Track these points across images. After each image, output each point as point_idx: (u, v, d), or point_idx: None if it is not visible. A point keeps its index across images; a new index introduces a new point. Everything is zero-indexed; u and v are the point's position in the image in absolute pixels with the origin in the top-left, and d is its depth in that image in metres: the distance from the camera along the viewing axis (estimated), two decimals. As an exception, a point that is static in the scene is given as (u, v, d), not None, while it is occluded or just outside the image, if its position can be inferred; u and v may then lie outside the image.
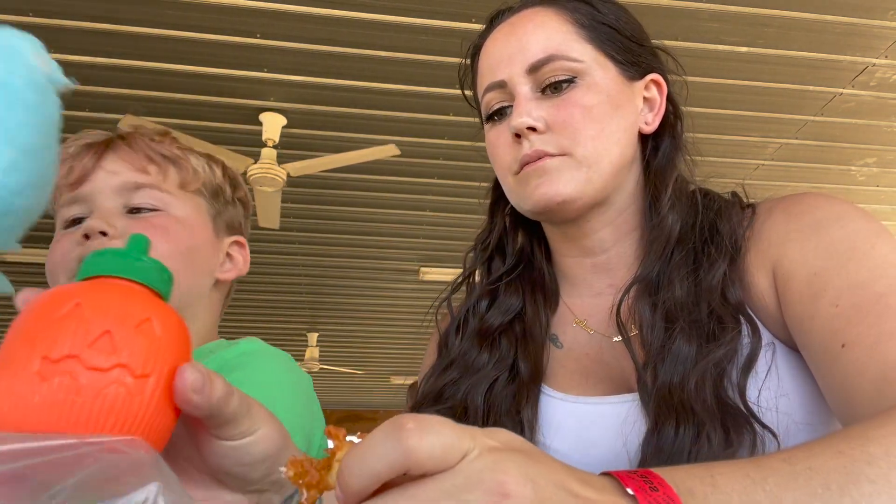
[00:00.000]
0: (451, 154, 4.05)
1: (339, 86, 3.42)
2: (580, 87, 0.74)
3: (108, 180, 0.82)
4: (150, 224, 0.80)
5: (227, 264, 0.93)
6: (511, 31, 0.78)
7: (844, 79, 3.42)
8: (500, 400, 0.75)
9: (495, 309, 0.82)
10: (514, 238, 0.87)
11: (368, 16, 2.96)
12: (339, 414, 11.82)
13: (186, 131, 3.66)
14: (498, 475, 0.34)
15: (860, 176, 4.41)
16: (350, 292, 6.25)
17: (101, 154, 0.83)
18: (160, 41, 3.08)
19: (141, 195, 0.82)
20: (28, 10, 2.88)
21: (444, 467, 0.34)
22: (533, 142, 0.73)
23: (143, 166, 0.83)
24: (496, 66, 0.77)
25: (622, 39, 0.78)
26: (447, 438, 0.34)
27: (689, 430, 0.61)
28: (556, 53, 0.74)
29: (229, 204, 0.93)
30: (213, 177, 0.90)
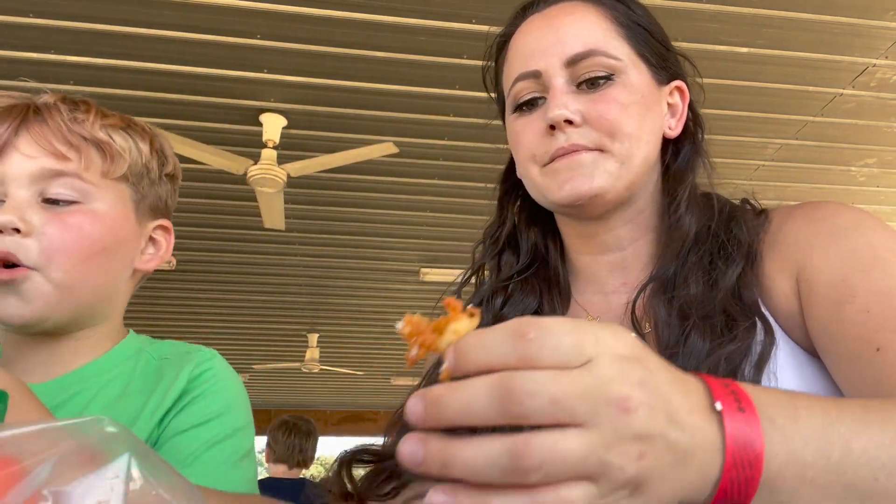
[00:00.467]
0: (450, 155, 4.05)
1: (339, 86, 3.42)
2: (617, 85, 0.74)
3: (24, 165, 0.75)
4: (65, 221, 0.75)
5: (149, 251, 0.87)
6: (548, 22, 0.77)
7: (844, 79, 3.43)
8: None
9: (510, 307, 0.82)
10: (527, 234, 0.87)
11: (368, 16, 2.96)
12: (340, 415, 11.82)
13: (187, 132, 3.67)
14: (624, 388, 0.36)
15: (860, 176, 4.41)
16: (350, 293, 6.26)
17: (16, 129, 0.76)
18: (160, 42, 3.09)
19: (58, 185, 0.76)
20: (28, 12, 2.88)
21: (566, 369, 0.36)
22: (569, 135, 0.73)
23: (63, 151, 0.76)
24: (530, 57, 0.76)
25: (654, 42, 0.79)
26: (568, 347, 0.36)
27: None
28: (596, 49, 0.74)
29: (155, 184, 0.86)
30: (140, 156, 0.84)
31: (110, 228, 0.79)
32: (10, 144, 0.75)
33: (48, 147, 0.76)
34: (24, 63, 3.19)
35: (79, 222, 0.76)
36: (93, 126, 0.80)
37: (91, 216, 0.77)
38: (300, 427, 3.57)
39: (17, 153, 0.75)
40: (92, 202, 0.78)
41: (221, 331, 7.21)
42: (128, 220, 0.82)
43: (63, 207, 0.76)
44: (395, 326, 0.43)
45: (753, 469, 0.39)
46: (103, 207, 0.79)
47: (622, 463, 0.36)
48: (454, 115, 3.66)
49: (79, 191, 0.77)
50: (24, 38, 3.03)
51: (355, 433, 12.35)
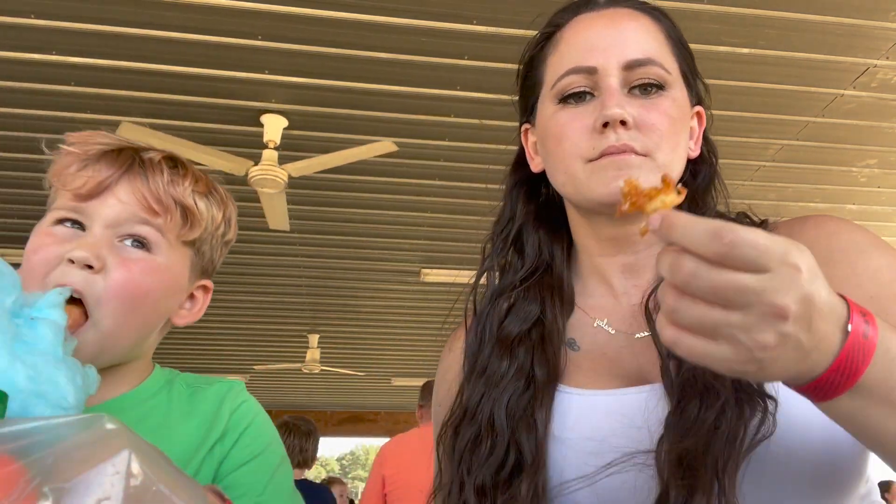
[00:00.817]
0: (451, 156, 4.05)
1: (340, 87, 3.43)
2: (667, 98, 0.77)
3: (116, 209, 0.81)
4: (130, 267, 0.80)
5: (186, 307, 0.92)
6: (611, 23, 0.78)
7: (846, 80, 3.42)
8: (517, 407, 0.76)
9: (513, 315, 0.83)
10: (534, 234, 0.87)
11: (369, 18, 2.96)
12: (341, 415, 11.82)
13: (187, 133, 3.67)
14: (787, 299, 0.46)
15: (861, 177, 4.40)
16: (351, 294, 6.26)
17: (119, 177, 0.82)
18: (162, 43, 3.09)
19: (137, 230, 0.82)
20: (29, 12, 2.89)
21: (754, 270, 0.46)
22: (620, 135, 0.74)
23: (153, 207, 0.82)
24: (588, 52, 0.77)
25: (692, 63, 0.82)
26: (751, 258, 0.46)
27: (710, 409, 0.65)
28: (654, 58, 0.76)
29: (214, 249, 0.93)
30: (212, 223, 0.90)
31: (165, 284, 0.84)
32: (110, 188, 0.81)
33: (143, 201, 0.82)
34: (26, 64, 3.19)
35: (141, 269, 0.81)
36: (185, 190, 0.86)
37: (153, 267, 0.82)
38: (301, 427, 3.57)
39: (114, 197, 0.81)
40: (158, 255, 0.83)
41: (222, 331, 7.21)
42: (181, 278, 0.88)
43: (132, 251, 0.82)
44: (619, 184, 0.57)
45: (864, 360, 0.50)
46: (165, 263, 0.84)
47: (756, 346, 0.47)
48: (455, 115, 3.66)
49: (152, 242, 0.83)
50: (25, 38, 3.03)
51: (356, 434, 12.35)
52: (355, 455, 34.70)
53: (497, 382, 0.79)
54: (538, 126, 0.84)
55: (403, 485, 3.05)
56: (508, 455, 0.73)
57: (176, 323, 0.91)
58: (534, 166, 0.87)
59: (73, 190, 0.81)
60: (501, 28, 3.01)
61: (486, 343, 0.83)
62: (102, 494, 0.32)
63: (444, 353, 0.93)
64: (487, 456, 0.74)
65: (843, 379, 0.50)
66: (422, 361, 8.52)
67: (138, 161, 0.84)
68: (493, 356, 0.81)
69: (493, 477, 0.73)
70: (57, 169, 0.83)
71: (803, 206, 4.63)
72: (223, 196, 0.93)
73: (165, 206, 0.83)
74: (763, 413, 0.64)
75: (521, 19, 3.35)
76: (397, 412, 11.55)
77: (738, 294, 0.46)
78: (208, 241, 0.90)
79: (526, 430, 0.73)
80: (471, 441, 0.76)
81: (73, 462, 0.33)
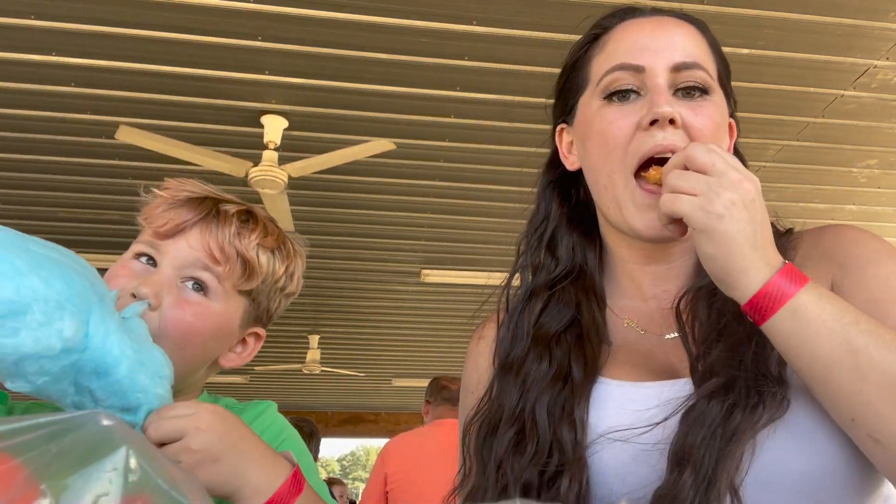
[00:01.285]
0: (451, 156, 4.05)
1: (340, 88, 3.43)
2: (711, 103, 0.79)
3: (184, 252, 0.88)
4: (185, 309, 0.86)
5: (236, 351, 0.97)
6: (661, 27, 0.81)
7: (846, 80, 3.43)
8: (558, 408, 0.77)
9: (548, 315, 0.84)
10: (568, 236, 0.89)
11: (370, 18, 2.96)
12: (341, 416, 11.82)
13: (188, 134, 3.68)
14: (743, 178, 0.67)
15: (862, 178, 4.41)
16: (351, 294, 6.26)
17: (195, 223, 0.89)
18: (161, 44, 3.09)
19: (198, 274, 0.88)
20: (30, 13, 2.89)
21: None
22: (667, 134, 0.75)
23: (216, 255, 0.88)
24: (638, 52, 0.79)
25: (729, 76, 0.85)
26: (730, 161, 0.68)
27: (719, 396, 0.69)
28: (701, 63, 0.79)
29: (270, 299, 0.97)
30: (271, 277, 0.94)
31: (215, 328, 0.89)
32: (184, 232, 0.89)
33: (207, 249, 0.88)
34: (26, 65, 3.20)
35: (194, 312, 0.86)
36: (249, 243, 0.91)
37: (207, 311, 0.88)
38: (302, 428, 3.56)
39: (185, 241, 0.88)
40: (213, 300, 0.88)
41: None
42: (233, 324, 0.92)
43: (190, 293, 0.87)
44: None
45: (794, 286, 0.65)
46: (219, 309, 0.89)
47: (723, 196, 0.65)
48: (455, 116, 3.66)
49: (210, 287, 0.88)
50: (25, 39, 3.04)
51: (356, 434, 12.35)
52: (356, 456, 34.70)
53: (535, 383, 0.80)
54: (578, 124, 0.85)
55: (405, 482, 3.05)
56: (552, 455, 0.74)
57: (223, 365, 0.96)
58: (569, 164, 0.88)
59: (154, 228, 0.88)
60: (501, 29, 3.01)
61: (519, 340, 0.84)
62: (100, 491, 0.32)
63: (473, 344, 0.94)
64: (532, 456, 0.75)
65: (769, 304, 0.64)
66: (422, 362, 8.52)
67: (214, 211, 0.91)
68: (529, 355, 0.82)
69: (538, 476, 0.74)
70: (147, 208, 0.91)
71: (803, 207, 4.63)
72: (291, 251, 0.99)
73: (227, 256, 0.89)
74: (781, 402, 0.67)
75: (521, 20, 3.37)
76: (398, 413, 11.55)
77: (714, 170, 0.66)
78: (265, 293, 0.95)
79: (568, 429, 0.75)
80: (513, 442, 0.77)
81: (70, 459, 0.33)
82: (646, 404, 0.73)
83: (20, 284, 0.59)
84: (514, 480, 0.75)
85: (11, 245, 0.61)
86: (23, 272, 0.59)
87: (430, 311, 6.70)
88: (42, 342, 0.59)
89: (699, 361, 0.73)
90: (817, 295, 0.65)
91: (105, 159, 3.97)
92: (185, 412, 0.73)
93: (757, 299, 0.65)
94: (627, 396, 0.76)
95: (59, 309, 0.60)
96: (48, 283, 0.60)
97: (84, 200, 4.42)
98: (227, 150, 3.73)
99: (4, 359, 0.59)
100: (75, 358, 0.61)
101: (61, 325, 0.60)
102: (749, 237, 0.65)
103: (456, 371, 3.81)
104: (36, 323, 0.59)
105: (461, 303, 6.36)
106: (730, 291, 0.67)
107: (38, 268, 0.60)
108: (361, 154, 3.59)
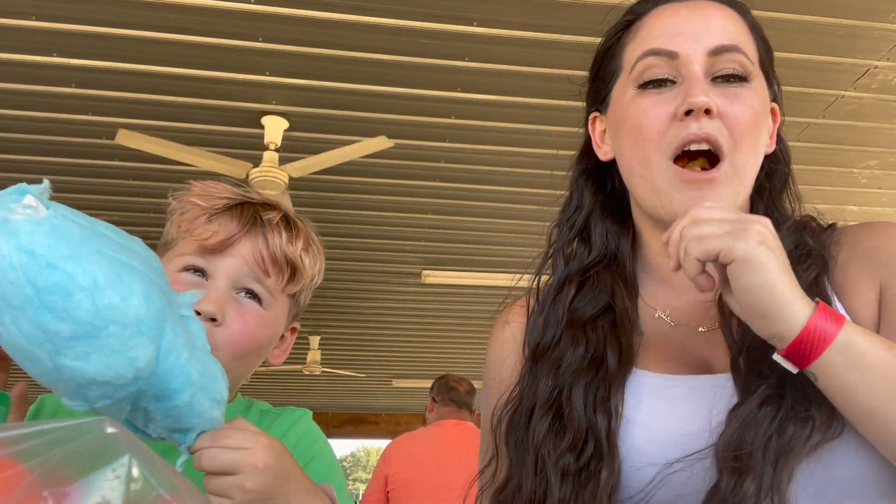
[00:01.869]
0: (452, 157, 4.05)
1: (340, 89, 3.43)
2: (750, 90, 0.76)
3: (235, 265, 0.88)
4: (246, 320, 0.87)
5: (280, 349, 0.99)
6: (696, 11, 0.77)
7: (846, 81, 3.42)
8: (594, 395, 0.77)
9: (582, 299, 0.83)
10: (602, 225, 0.87)
11: (370, 19, 2.96)
12: (342, 417, 11.83)
13: (188, 135, 3.68)
14: (755, 222, 0.65)
15: (862, 178, 4.40)
16: (352, 295, 6.26)
17: (242, 235, 0.89)
18: (162, 45, 3.09)
19: (252, 286, 0.89)
20: (31, 14, 2.89)
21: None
22: (703, 123, 0.73)
23: (268, 267, 0.90)
24: (671, 37, 0.76)
25: (772, 59, 0.81)
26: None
27: (772, 403, 0.67)
28: (741, 46, 0.75)
29: (307, 295, 0.99)
30: (312, 275, 0.96)
31: (272, 333, 0.92)
32: (235, 244, 0.89)
33: (260, 260, 0.89)
34: (27, 66, 3.20)
35: (255, 322, 0.88)
36: (297, 250, 0.92)
37: (264, 320, 0.89)
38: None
39: (238, 253, 0.89)
40: (268, 308, 0.90)
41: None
42: (282, 326, 0.95)
43: (247, 303, 0.88)
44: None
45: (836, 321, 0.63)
46: (273, 315, 0.91)
47: (752, 229, 0.64)
48: (455, 117, 3.66)
49: (263, 296, 0.90)
50: (26, 40, 3.04)
51: (357, 435, 12.35)
52: (356, 457, 34.69)
53: (569, 367, 0.79)
54: (612, 113, 0.83)
55: (406, 483, 3.05)
56: (587, 443, 0.73)
57: (271, 363, 0.98)
58: (602, 154, 0.85)
59: (201, 241, 0.87)
60: (502, 30, 3.00)
61: (552, 326, 0.82)
62: (102, 499, 0.32)
63: (497, 329, 0.92)
64: (570, 443, 0.74)
65: (811, 347, 0.62)
66: (423, 363, 8.52)
67: (259, 220, 0.91)
68: (562, 340, 0.81)
69: (575, 461, 0.73)
70: (186, 218, 0.90)
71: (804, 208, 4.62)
72: (319, 247, 0.99)
73: (278, 264, 0.90)
74: (823, 408, 0.66)
75: (522, 21, 3.37)
76: (398, 414, 11.55)
77: (726, 215, 0.66)
78: (305, 291, 0.98)
79: (603, 417, 0.74)
80: (550, 429, 0.76)
81: (73, 466, 0.33)
82: (678, 394, 0.74)
83: (98, 303, 0.52)
84: (552, 466, 0.74)
85: (90, 248, 0.53)
86: (101, 286, 0.52)
87: (431, 312, 6.70)
88: (113, 370, 0.53)
89: (741, 357, 0.72)
90: (858, 329, 0.64)
91: (105, 160, 3.97)
92: (242, 444, 0.71)
93: (807, 332, 0.62)
94: (662, 388, 0.75)
95: (137, 335, 0.54)
96: (127, 301, 0.54)
97: (85, 202, 4.42)
98: (228, 151, 3.73)
99: (69, 381, 0.53)
100: (141, 384, 0.57)
101: (136, 354, 0.54)
102: (786, 267, 0.64)
103: (456, 372, 3.81)
104: (109, 349, 0.53)
105: (462, 303, 6.36)
106: (774, 327, 0.64)
107: (118, 281, 0.53)
108: (359, 152, 3.58)
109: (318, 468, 0.90)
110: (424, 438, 3.28)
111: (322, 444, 0.96)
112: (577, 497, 0.71)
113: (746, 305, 0.64)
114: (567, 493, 0.72)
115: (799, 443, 0.64)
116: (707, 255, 0.64)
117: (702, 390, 0.73)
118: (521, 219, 4.73)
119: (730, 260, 0.63)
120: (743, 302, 0.65)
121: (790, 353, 0.64)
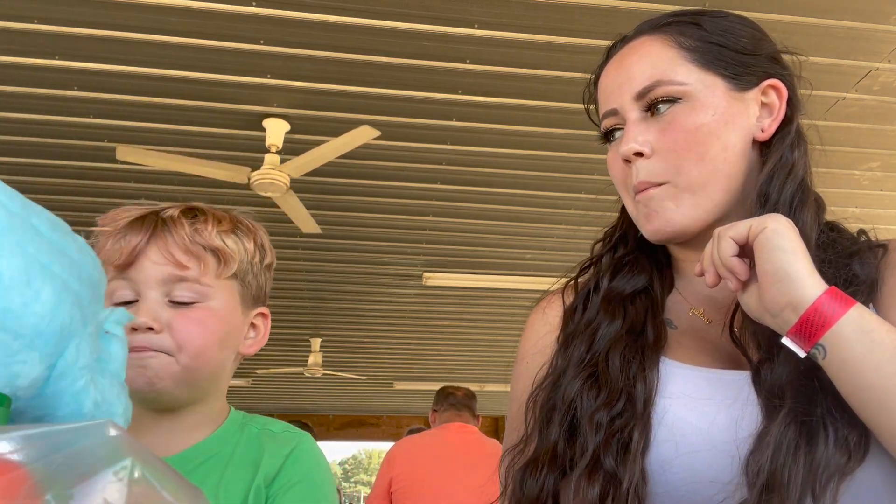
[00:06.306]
0: (453, 159, 4.06)
1: (342, 91, 3.43)
2: (686, 106, 0.78)
3: (153, 271, 0.88)
4: (189, 318, 0.87)
5: (251, 336, 0.98)
6: (620, 62, 0.84)
7: (847, 83, 3.42)
8: (630, 359, 0.78)
9: (620, 280, 0.86)
10: (635, 230, 0.89)
11: (371, 22, 2.97)
12: (343, 419, 11.82)
13: (190, 137, 3.68)
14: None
15: (864, 180, 4.40)
16: (353, 297, 6.26)
17: (147, 240, 0.89)
18: (164, 48, 3.10)
19: (181, 288, 0.88)
20: (33, 18, 2.90)
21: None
22: (639, 169, 0.79)
23: (184, 261, 0.88)
24: (609, 96, 0.84)
25: (731, 54, 0.81)
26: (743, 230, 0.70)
27: (809, 430, 0.67)
28: (661, 79, 0.79)
29: (257, 276, 0.98)
30: (246, 255, 0.95)
31: (225, 321, 0.91)
32: (143, 253, 0.88)
33: (171, 257, 0.88)
34: (29, 69, 3.20)
35: (200, 318, 0.88)
36: (210, 235, 0.91)
37: (210, 312, 0.89)
38: (302, 432, 3.57)
39: (148, 260, 0.88)
40: (209, 300, 0.90)
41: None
42: (236, 311, 0.94)
43: (186, 307, 0.88)
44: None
45: (843, 305, 0.65)
46: (218, 304, 0.90)
47: (757, 223, 0.69)
48: (456, 119, 3.66)
49: (198, 292, 0.89)
50: (28, 43, 3.04)
51: (358, 438, 12.34)
52: (358, 459, 34.65)
53: (604, 338, 0.81)
54: None
55: (410, 485, 3.05)
56: (620, 401, 0.74)
57: (245, 353, 0.97)
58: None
59: (113, 263, 0.87)
60: (503, 32, 3.01)
61: (589, 310, 0.85)
62: (105, 501, 0.32)
63: (535, 316, 0.93)
64: (605, 399, 0.75)
65: (824, 318, 0.65)
66: (424, 365, 8.52)
67: (160, 221, 0.90)
68: (599, 315, 0.83)
69: (608, 420, 0.74)
70: (98, 249, 0.88)
71: (806, 210, 4.62)
72: (249, 226, 0.98)
73: (195, 255, 0.89)
74: (856, 427, 0.66)
75: (524, 24, 3.37)
76: (400, 416, 11.54)
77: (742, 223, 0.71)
78: (249, 271, 0.96)
79: (640, 383, 0.75)
80: (585, 386, 0.78)
81: (75, 469, 0.33)
82: (707, 386, 0.75)
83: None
84: (586, 417, 0.75)
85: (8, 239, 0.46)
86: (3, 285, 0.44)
87: (432, 314, 6.69)
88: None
89: (762, 366, 0.72)
90: (869, 311, 0.67)
91: (106, 163, 3.98)
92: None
93: (822, 301, 0.65)
94: (692, 378, 0.76)
95: (27, 349, 0.45)
96: (28, 308, 0.45)
97: (86, 204, 4.42)
98: (229, 154, 3.73)
99: None
100: (21, 404, 0.46)
101: (20, 370, 0.44)
102: (804, 249, 0.68)
103: (458, 374, 3.80)
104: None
105: (463, 305, 6.36)
106: (793, 293, 0.66)
107: (24, 284, 0.45)
108: (349, 145, 3.53)
109: (297, 496, 0.88)
110: (429, 440, 3.29)
111: (316, 474, 0.92)
112: (616, 454, 0.72)
113: (770, 271, 0.67)
114: (601, 443, 0.73)
115: (831, 468, 0.64)
116: (739, 234, 0.69)
117: (734, 384, 0.74)
118: (523, 221, 4.74)
119: (761, 228, 0.68)
120: (768, 267, 0.67)
121: (804, 323, 0.65)
